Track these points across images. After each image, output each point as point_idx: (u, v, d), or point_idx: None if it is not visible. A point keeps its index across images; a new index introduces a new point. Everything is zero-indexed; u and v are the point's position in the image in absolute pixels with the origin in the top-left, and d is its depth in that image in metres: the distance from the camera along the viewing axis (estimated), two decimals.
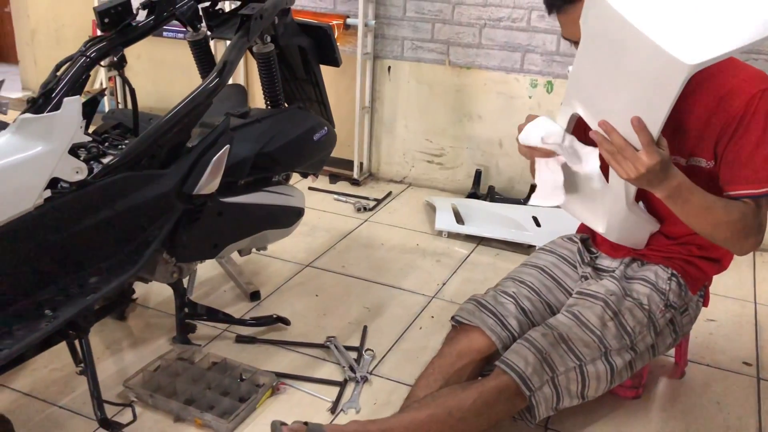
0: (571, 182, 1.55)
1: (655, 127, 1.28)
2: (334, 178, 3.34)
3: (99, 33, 1.86)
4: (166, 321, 2.12)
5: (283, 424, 1.43)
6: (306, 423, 1.43)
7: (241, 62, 3.41)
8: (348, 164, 3.30)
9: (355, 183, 3.32)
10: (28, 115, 1.45)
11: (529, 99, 3.00)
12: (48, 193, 1.44)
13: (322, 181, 3.28)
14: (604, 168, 1.46)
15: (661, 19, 1.21)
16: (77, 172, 1.49)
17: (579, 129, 1.49)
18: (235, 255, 2.26)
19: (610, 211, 1.56)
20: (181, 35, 3.49)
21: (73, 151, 1.51)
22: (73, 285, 1.53)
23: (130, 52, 1.93)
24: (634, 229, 1.64)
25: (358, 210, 3.02)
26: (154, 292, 2.22)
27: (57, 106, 1.63)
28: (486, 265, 2.59)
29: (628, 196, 1.49)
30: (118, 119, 1.93)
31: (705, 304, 1.79)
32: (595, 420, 1.79)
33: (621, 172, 1.34)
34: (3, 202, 1.37)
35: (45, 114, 1.45)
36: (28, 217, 1.41)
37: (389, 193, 3.21)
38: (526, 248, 2.69)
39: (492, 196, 3.05)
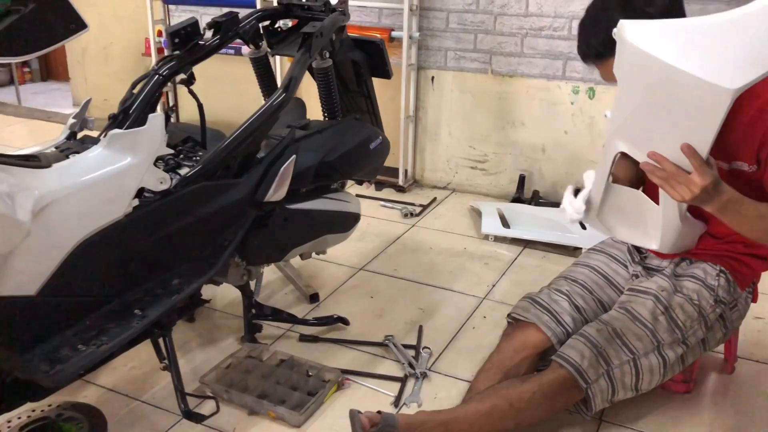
0: (617, 210, 1.63)
1: (704, 150, 1.35)
2: (379, 185, 3.44)
3: (166, 52, 2.00)
4: (231, 322, 2.24)
5: (359, 413, 1.53)
6: (379, 412, 1.53)
7: None
8: (393, 172, 3.40)
9: (400, 190, 3.42)
10: (116, 130, 1.58)
11: (571, 105, 3.08)
12: (136, 201, 1.57)
13: (364, 188, 3.38)
14: (649, 192, 1.54)
15: (692, 52, 1.28)
16: (161, 182, 1.61)
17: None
18: (293, 259, 2.38)
19: (663, 228, 1.60)
20: (231, 51, 3.64)
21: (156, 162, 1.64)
22: (158, 286, 1.66)
23: None
24: (686, 237, 1.70)
25: (405, 216, 3.12)
26: (220, 295, 2.34)
27: (139, 122, 1.78)
28: (533, 267, 2.67)
29: (681, 211, 1.57)
30: (188, 132, 2.06)
31: (754, 300, 1.85)
32: (648, 413, 1.86)
33: (676, 195, 1.40)
34: (97, 210, 1.51)
35: (132, 129, 1.58)
36: (118, 224, 1.54)
37: (434, 199, 3.31)
38: (572, 250, 2.76)
39: (536, 200, 3.13)
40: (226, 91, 3.78)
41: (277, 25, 2.26)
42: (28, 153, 1.54)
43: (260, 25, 2.19)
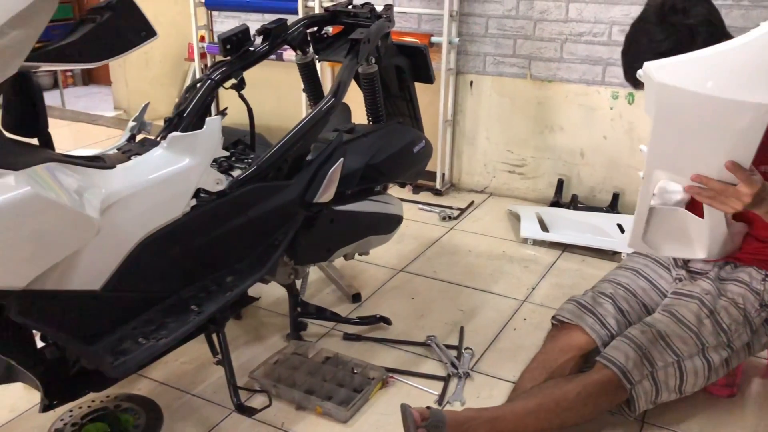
0: (660, 230, 1.64)
1: (747, 162, 1.39)
2: (417, 188, 3.48)
3: (210, 59, 2.07)
4: (276, 320, 2.30)
5: (410, 407, 1.57)
6: (428, 407, 1.57)
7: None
8: (431, 175, 3.43)
9: (438, 193, 3.46)
10: (176, 133, 1.64)
11: (611, 110, 3.09)
12: (194, 201, 1.63)
13: (406, 191, 3.42)
14: (693, 208, 1.56)
15: (719, 77, 1.33)
16: (218, 183, 1.68)
17: None
18: (335, 260, 2.44)
19: (710, 238, 1.63)
20: (273, 56, 3.71)
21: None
22: (213, 283, 1.72)
23: None
24: (732, 241, 1.72)
25: (443, 219, 3.15)
26: (265, 293, 2.40)
27: (193, 125, 1.85)
28: (573, 271, 2.68)
29: (728, 219, 1.60)
30: (237, 136, 2.13)
31: None
32: (690, 416, 1.87)
33: (727, 208, 1.45)
34: (158, 209, 1.57)
35: (191, 132, 1.64)
36: (177, 222, 1.61)
37: (471, 203, 3.34)
38: (611, 255, 2.77)
39: (575, 204, 3.14)
40: (267, 95, 3.85)
41: (323, 32, 2.31)
42: (93, 154, 1.61)
43: (307, 31, 2.25)
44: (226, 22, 3.95)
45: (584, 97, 3.13)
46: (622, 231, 2.84)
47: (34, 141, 1.49)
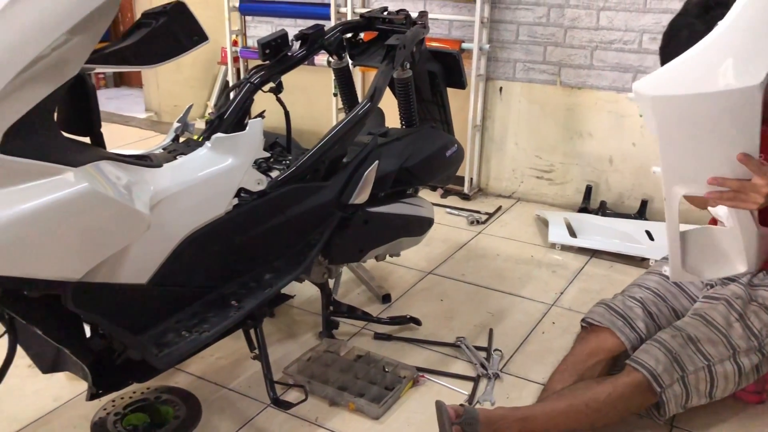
0: (696, 253, 1.65)
1: (755, 152, 1.42)
2: (445, 192, 3.52)
3: (238, 63, 2.12)
4: (308, 318, 2.35)
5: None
6: (462, 405, 1.61)
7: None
8: (459, 180, 3.47)
9: (465, 197, 3.49)
10: (220, 134, 1.70)
11: (640, 117, 3.10)
12: (235, 200, 1.69)
13: (434, 196, 3.46)
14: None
15: (704, 74, 1.36)
16: (258, 183, 1.73)
17: None
18: (367, 262, 2.48)
19: (746, 246, 1.63)
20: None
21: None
22: (252, 280, 1.78)
23: None
24: (765, 247, 1.73)
25: (471, 223, 3.19)
26: (297, 292, 2.45)
27: (233, 127, 1.91)
28: (601, 276, 2.70)
29: (756, 221, 1.61)
30: (272, 138, 2.18)
31: None
32: (719, 422, 1.88)
33: (750, 204, 1.47)
34: (202, 207, 1.63)
35: (235, 133, 1.70)
36: (220, 221, 1.66)
37: (499, 208, 3.37)
38: (639, 261, 2.79)
39: (603, 210, 3.16)
40: (298, 99, 3.92)
41: (358, 37, 2.36)
42: (140, 153, 1.68)
43: (343, 37, 2.31)
44: (259, 27, 4.03)
45: (614, 104, 3.15)
46: (651, 238, 2.85)
47: (86, 139, 1.56)
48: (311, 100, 3.87)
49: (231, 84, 4.36)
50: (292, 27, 3.88)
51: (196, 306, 1.67)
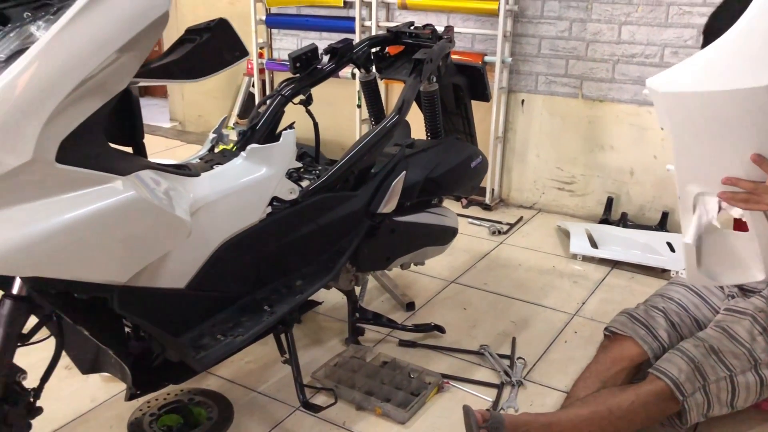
0: (713, 257, 1.65)
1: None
2: (467, 203, 3.56)
3: (262, 75, 2.19)
4: (334, 325, 2.40)
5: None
6: (488, 410, 1.65)
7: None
8: (480, 190, 3.50)
9: (487, 208, 3.53)
10: (255, 145, 1.76)
11: (661, 130, 3.11)
12: (269, 209, 1.75)
13: (456, 206, 3.51)
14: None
15: (718, 73, 1.37)
16: (291, 192, 1.79)
17: None
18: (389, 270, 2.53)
19: (763, 253, 1.62)
20: None
21: None
22: (283, 286, 1.83)
23: None
24: None
25: (493, 233, 3.23)
26: (322, 299, 2.51)
27: (265, 137, 1.97)
28: (622, 287, 2.73)
29: None
30: (301, 149, 2.24)
31: None
32: None
33: (763, 206, 1.47)
34: (238, 215, 1.69)
35: (269, 144, 1.76)
36: (253, 228, 1.72)
37: (521, 218, 3.41)
38: (660, 272, 2.81)
39: (624, 222, 3.19)
40: (322, 110, 3.96)
41: (385, 51, 2.43)
42: (179, 163, 1.74)
43: (371, 50, 2.37)
44: (285, 40, 4.11)
45: (635, 117, 3.18)
46: (672, 249, 2.87)
47: (129, 149, 1.62)
48: (335, 111, 3.93)
49: (255, 95, 4.44)
50: (317, 40, 3.95)
51: (231, 310, 1.73)
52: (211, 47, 1.43)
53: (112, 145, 1.45)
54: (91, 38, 1.16)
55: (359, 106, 3.79)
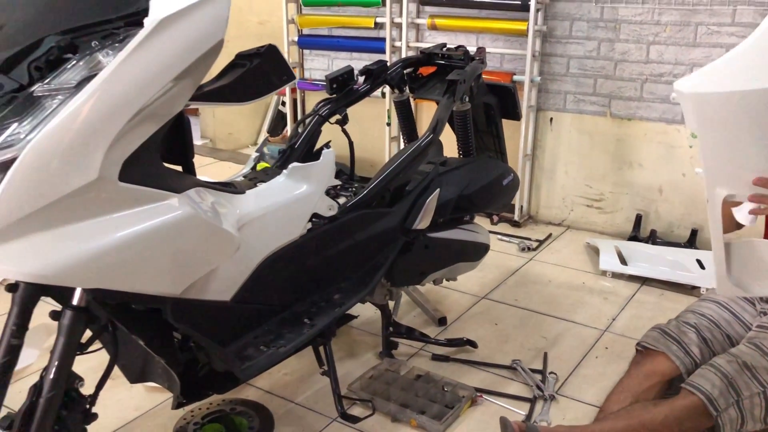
0: (743, 267, 1.61)
1: None
2: (497, 219, 3.60)
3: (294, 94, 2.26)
4: (367, 338, 2.45)
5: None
6: (524, 421, 1.68)
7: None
8: (509, 207, 3.55)
9: (516, 225, 3.57)
10: (296, 163, 1.83)
11: (690, 149, 3.16)
12: (309, 225, 1.81)
13: (485, 222, 3.55)
14: None
15: (748, 72, 1.37)
16: (330, 209, 1.85)
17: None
18: (420, 285, 2.58)
19: None
20: None
21: None
22: (322, 300, 1.89)
23: None
24: None
25: (522, 249, 3.27)
26: (357, 313, 2.56)
27: (304, 156, 2.04)
28: (652, 303, 2.75)
29: None
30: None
31: None
32: None
33: None
34: (281, 230, 1.76)
35: (310, 163, 1.83)
36: (295, 243, 1.79)
37: (550, 235, 3.44)
38: (690, 289, 2.83)
39: (653, 239, 3.21)
40: (351, 129, 4.05)
41: (418, 72, 2.49)
42: (225, 181, 1.82)
43: (404, 71, 2.44)
44: (316, 60, 4.21)
45: (663, 135, 3.21)
46: (702, 266, 2.88)
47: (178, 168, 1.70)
48: (365, 129, 4.00)
49: (287, 113, 4.54)
50: (348, 60, 4.04)
51: (272, 323, 1.79)
52: (260, 72, 1.51)
53: (165, 164, 1.53)
54: (152, 66, 1.24)
55: (389, 125, 3.87)
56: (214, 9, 1.29)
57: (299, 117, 4.28)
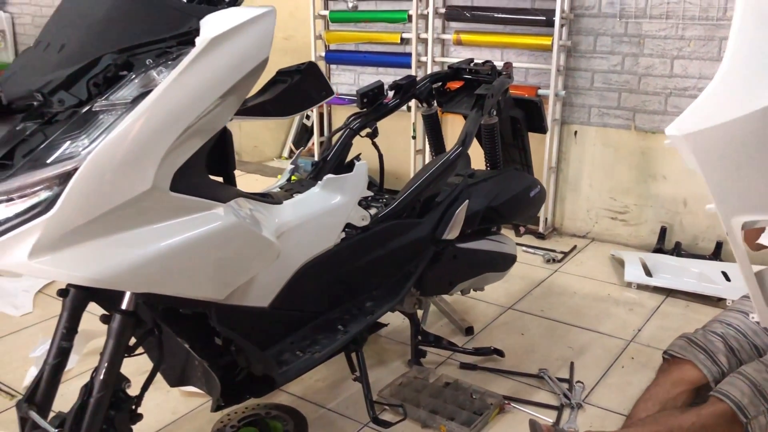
0: None
1: None
2: (522, 231, 3.64)
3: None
4: (395, 347, 2.50)
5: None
6: (554, 426, 1.72)
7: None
8: (534, 219, 3.59)
9: (540, 236, 3.61)
10: (330, 175, 1.89)
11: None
12: (343, 234, 1.88)
13: (509, 234, 3.57)
14: None
15: (728, 99, 1.37)
16: (363, 219, 1.91)
17: None
18: (447, 295, 2.63)
19: None
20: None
21: None
22: (355, 307, 1.95)
23: None
24: None
25: (548, 261, 3.30)
26: (387, 322, 2.61)
27: (336, 168, 2.11)
28: (677, 315, 2.77)
29: None
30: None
31: None
32: None
33: None
34: (316, 240, 1.82)
35: (344, 175, 1.89)
36: (329, 252, 1.85)
37: (574, 247, 3.48)
38: (715, 301, 2.84)
39: (678, 251, 3.23)
40: (378, 141, 4.14)
41: (446, 87, 2.56)
42: (263, 192, 1.89)
43: (432, 86, 2.50)
44: (343, 75, 4.30)
45: None
46: (727, 278, 2.90)
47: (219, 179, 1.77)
48: (390, 142, 4.05)
49: (314, 127, 4.62)
50: (374, 75, 4.12)
51: (307, 329, 1.85)
52: (301, 87, 1.58)
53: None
54: (203, 83, 1.31)
55: (414, 138, 3.93)
56: (260, 29, 1.36)
57: (325, 130, 4.36)
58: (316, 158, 4.49)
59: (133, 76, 1.31)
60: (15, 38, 6.38)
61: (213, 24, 1.32)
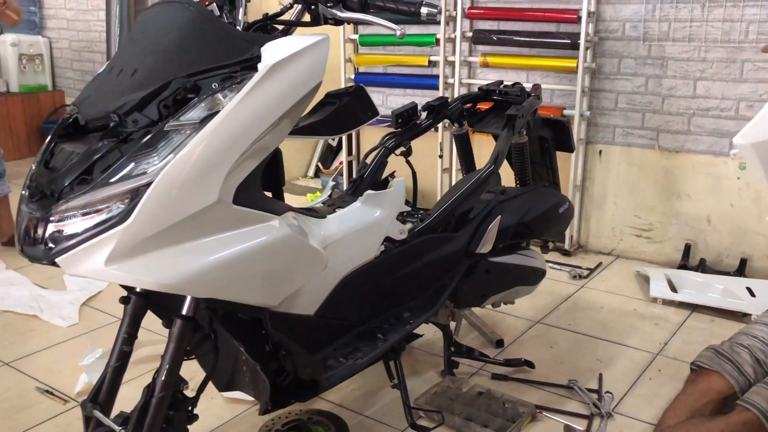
0: None
1: None
2: (545, 247, 3.71)
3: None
4: (428, 358, 2.59)
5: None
6: (587, 430, 1.80)
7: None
8: (562, 234, 3.67)
9: (566, 253, 3.69)
10: (370, 191, 2.00)
11: (738, 180, 3.25)
12: (382, 247, 1.98)
13: (553, 246, 3.66)
14: None
15: None
16: (401, 233, 2.02)
17: None
18: (476, 309, 2.72)
19: None
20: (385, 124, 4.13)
21: None
22: (393, 317, 2.05)
23: None
24: None
25: (574, 277, 3.37)
26: (422, 333, 2.70)
27: (373, 185, 2.22)
28: (703, 329, 2.83)
29: None
30: None
31: None
32: None
33: None
34: (358, 252, 1.92)
35: (383, 191, 2.00)
36: (370, 264, 1.95)
37: (600, 263, 3.55)
38: (740, 317, 2.90)
39: (703, 267, 3.29)
40: (401, 161, 4.26)
41: (477, 107, 2.66)
42: (308, 207, 2.00)
43: (463, 107, 2.61)
44: (372, 97, 4.40)
45: (711, 167, 3.31)
46: (752, 294, 2.95)
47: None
48: (418, 161, 4.16)
49: (333, 147, 4.74)
50: (401, 96, 4.24)
51: (349, 337, 1.95)
52: (349, 108, 1.69)
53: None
54: (264, 105, 1.43)
55: (441, 157, 4.04)
56: (315, 55, 1.48)
57: (354, 149, 4.48)
58: (342, 177, 4.62)
59: (201, 98, 1.43)
60: (52, 62, 6.62)
61: (274, 50, 1.44)
